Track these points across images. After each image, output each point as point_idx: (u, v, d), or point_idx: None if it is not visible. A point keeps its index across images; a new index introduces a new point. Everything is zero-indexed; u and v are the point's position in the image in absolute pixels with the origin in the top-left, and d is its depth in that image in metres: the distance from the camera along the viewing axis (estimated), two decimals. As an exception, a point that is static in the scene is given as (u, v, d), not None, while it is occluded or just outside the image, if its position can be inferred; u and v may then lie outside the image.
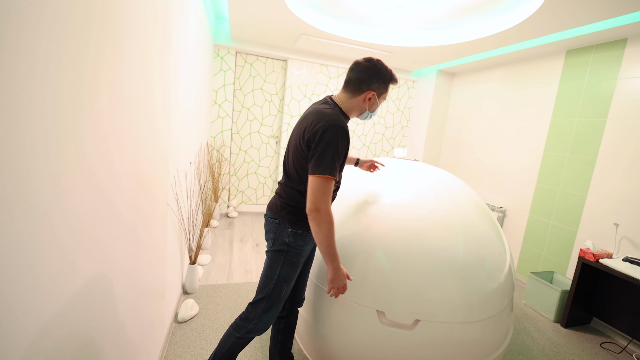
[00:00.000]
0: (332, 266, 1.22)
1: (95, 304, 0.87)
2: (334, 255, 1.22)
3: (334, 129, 1.15)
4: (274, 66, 4.27)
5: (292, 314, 1.57)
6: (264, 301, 1.33)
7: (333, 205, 1.80)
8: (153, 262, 1.48)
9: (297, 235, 1.31)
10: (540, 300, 2.65)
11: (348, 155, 1.65)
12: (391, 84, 1.30)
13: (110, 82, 0.87)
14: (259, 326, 1.34)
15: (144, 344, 1.38)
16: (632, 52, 2.45)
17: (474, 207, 1.72)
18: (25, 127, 0.55)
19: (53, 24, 0.60)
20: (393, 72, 1.29)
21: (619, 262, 2.24)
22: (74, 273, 0.75)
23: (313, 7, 3.02)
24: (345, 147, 1.20)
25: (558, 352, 2.14)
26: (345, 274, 1.27)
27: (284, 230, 1.31)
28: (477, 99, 3.97)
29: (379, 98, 1.30)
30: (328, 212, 1.16)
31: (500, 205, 3.49)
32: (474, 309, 1.41)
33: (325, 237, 1.18)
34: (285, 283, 1.33)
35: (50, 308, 0.66)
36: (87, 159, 0.76)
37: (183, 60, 1.93)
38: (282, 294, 1.34)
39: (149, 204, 1.36)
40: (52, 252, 0.65)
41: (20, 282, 0.57)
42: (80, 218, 0.75)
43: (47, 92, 0.60)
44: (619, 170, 2.48)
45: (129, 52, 0.99)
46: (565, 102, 2.91)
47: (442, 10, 2.78)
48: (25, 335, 0.59)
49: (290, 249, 1.31)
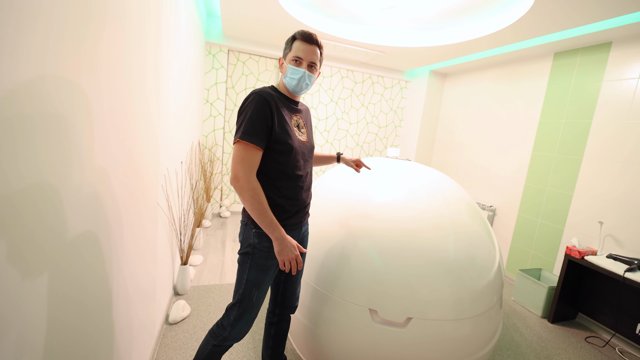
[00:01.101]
0: (274, 236, 1.16)
1: (83, 305, 0.85)
2: (271, 225, 1.15)
3: (248, 96, 1.16)
4: (267, 64, 4.26)
5: (283, 320, 1.52)
6: (236, 307, 1.27)
7: (325, 202, 1.82)
8: (143, 262, 1.46)
9: (261, 236, 1.23)
10: (528, 297, 2.71)
11: (327, 154, 1.63)
12: (296, 41, 1.22)
13: (92, 78, 0.86)
14: (233, 334, 1.28)
15: (134, 346, 1.36)
16: (617, 55, 2.52)
17: (465, 206, 1.76)
18: (16, 126, 0.55)
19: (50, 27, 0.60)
20: (306, 30, 1.22)
21: (603, 259, 2.30)
22: (61, 274, 0.74)
23: (306, 6, 3.02)
24: (260, 112, 1.13)
25: (545, 347, 2.19)
26: (294, 245, 1.19)
27: (249, 231, 1.25)
28: (469, 100, 4.03)
29: (287, 60, 1.24)
30: (248, 180, 1.11)
31: (491, 204, 3.55)
32: (464, 306, 1.44)
33: (252, 206, 1.13)
34: (255, 288, 1.26)
35: (38, 309, 0.65)
36: (74, 156, 0.76)
37: (173, 56, 1.90)
38: (253, 300, 1.27)
39: (139, 204, 1.34)
40: (37, 253, 0.64)
41: (9, 283, 0.56)
42: (66, 218, 0.74)
43: (37, 89, 0.60)
44: (603, 169, 2.55)
45: (119, 47, 0.99)
46: (552, 104, 2.97)
47: (434, 11, 2.81)
48: (12, 336, 0.58)
49: (256, 251, 1.24)
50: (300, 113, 1.34)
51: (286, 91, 1.29)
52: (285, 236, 1.18)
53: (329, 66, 4.38)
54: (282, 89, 1.29)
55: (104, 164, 0.94)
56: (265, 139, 1.15)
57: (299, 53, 1.21)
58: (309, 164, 1.35)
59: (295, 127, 1.28)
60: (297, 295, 1.50)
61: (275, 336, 1.54)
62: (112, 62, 0.94)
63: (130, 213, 1.23)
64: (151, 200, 1.56)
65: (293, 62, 1.22)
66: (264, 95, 1.16)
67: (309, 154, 1.34)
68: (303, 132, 1.32)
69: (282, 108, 1.22)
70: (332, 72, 4.43)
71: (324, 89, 4.43)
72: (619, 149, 2.45)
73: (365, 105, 4.69)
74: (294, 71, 1.22)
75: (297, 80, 1.23)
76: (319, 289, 1.56)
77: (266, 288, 1.31)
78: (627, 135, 2.41)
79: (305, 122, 1.37)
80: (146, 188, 1.44)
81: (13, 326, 0.58)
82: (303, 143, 1.29)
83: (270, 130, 1.16)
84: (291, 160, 1.23)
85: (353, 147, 4.76)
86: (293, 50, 1.22)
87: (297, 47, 1.21)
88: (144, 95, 1.32)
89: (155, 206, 1.66)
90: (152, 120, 1.48)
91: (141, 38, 1.24)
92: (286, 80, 1.25)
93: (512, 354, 2.07)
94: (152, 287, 1.67)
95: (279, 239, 1.17)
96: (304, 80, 1.23)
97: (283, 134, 1.19)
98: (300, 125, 1.32)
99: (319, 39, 1.23)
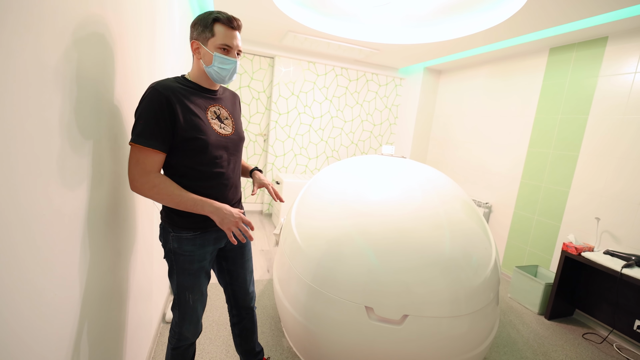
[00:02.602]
0: (206, 212, 1.04)
1: (80, 304, 0.84)
2: (195, 205, 1.03)
3: (145, 91, 1.02)
4: (261, 63, 4.23)
5: (244, 319, 1.47)
6: (176, 310, 1.22)
7: (320, 200, 1.80)
8: (140, 262, 1.46)
9: (180, 240, 1.14)
10: (525, 294, 2.70)
11: (246, 164, 1.46)
12: (220, 25, 1.06)
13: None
14: (183, 335, 1.24)
15: (131, 345, 1.36)
16: (613, 50, 2.51)
17: (460, 203, 1.74)
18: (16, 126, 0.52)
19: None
20: (226, 13, 1.09)
21: (600, 255, 2.30)
22: (58, 273, 0.72)
23: (300, 4, 3.00)
24: (157, 109, 0.99)
25: (542, 344, 2.19)
26: (232, 210, 1.07)
27: (167, 235, 1.16)
28: (464, 96, 4.02)
29: (209, 46, 1.08)
30: (147, 180, 1.00)
31: (486, 201, 3.55)
32: (460, 303, 1.43)
33: (164, 200, 1.03)
34: (188, 292, 1.19)
35: (34, 308, 0.64)
36: (69, 154, 0.73)
37: (167, 55, 1.88)
38: (190, 303, 1.20)
39: (135, 203, 1.33)
40: (36, 252, 0.63)
41: (6, 283, 0.54)
42: (62, 217, 0.72)
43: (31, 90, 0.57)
44: (600, 165, 2.54)
45: (120, 44, 0.96)
46: (548, 99, 2.97)
47: (428, 8, 2.79)
48: (9, 336, 0.56)
49: (178, 256, 1.15)
50: (220, 102, 1.21)
51: (203, 80, 1.14)
52: (218, 206, 1.05)
53: (324, 64, 4.36)
54: (195, 78, 1.14)
55: (103, 162, 0.91)
56: (166, 138, 1.02)
57: (227, 40, 1.07)
58: (235, 158, 1.23)
59: (214, 119, 1.15)
60: (250, 295, 1.46)
61: (241, 335, 1.50)
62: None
63: (126, 212, 1.22)
64: (147, 199, 1.55)
65: (221, 51, 1.08)
66: (161, 89, 1.01)
67: (235, 147, 1.21)
68: (227, 123, 1.20)
69: (192, 100, 1.08)
70: (327, 70, 4.41)
71: (318, 87, 4.40)
72: (616, 145, 2.45)
73: (359, 103, 4.67)
74: (225, 61, 1.09)
75: (228, 71, 1.11)
76: (314, 287, 1.54)
77: (202, 288, 1.24)
78: (624, 131, 2.40)
79: (232, 112, 1.24)
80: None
81: (12, 326, 0.57)
82: (224, 136, 1.16)
83: (172, 128, 1.02)
84: (208, 157, 1.11)
85: (348, 145, 4.74)
86: (218, 36, 1.07)
87: (224, 34, 1.07)
88: (140, 95, 1.31)
89: (151, 205, 1.66)
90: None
91: (135, 39, 1.22)
92: (211, 70, 1.10)
93: (509, 351, 2.06)
94: (149, 286, 1.67)
95: (213, 212, 1.04)
96: (235, 70, 1.13)
97: (191, 129, 1.05)
98: (222, 115, 1.19)
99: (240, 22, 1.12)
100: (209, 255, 1.23)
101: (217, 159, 1.14)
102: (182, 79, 1.13)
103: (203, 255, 1.20)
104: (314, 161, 4.63)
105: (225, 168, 1.18)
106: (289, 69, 4.23)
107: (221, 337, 1.94)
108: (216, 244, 1.25)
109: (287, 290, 1.67)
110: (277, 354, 1.84)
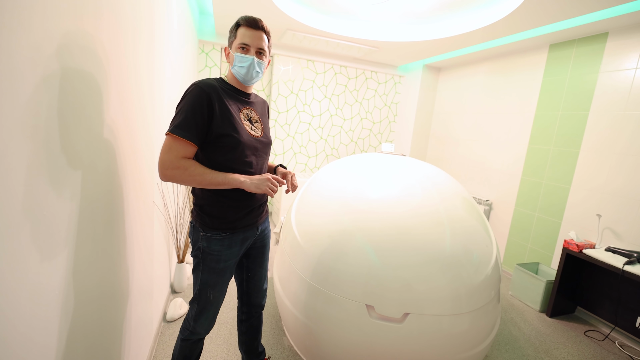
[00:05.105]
0: (243, 185, 1.11)
1: (81, 303, 0.84)
2: (226, 181, 1.09)
3: (188, 88, 1.10)
4: (260, 62, 4.22)
5: (251, 317, 1.51)
6: (195, 304, 1.26)
7: (320, 198, 1.79)
8: (141, 261, 1.46)
9: (210, 239, 1.19)
10: (526, 291, 2.70)
11: (269, 165, 1.46)
12: (241, 28, 1.15)
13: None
14: (196, 329, 1.28)
15: (132, 344, 1.36)
16: (614, 46, 2.50)
17: (461, 200, 1.73)
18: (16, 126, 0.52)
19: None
20: (250, 15, 1.16)
21: (602, 252, 2.29)
22: (59, 272, 0.72)
23: (298, 2, 2.98)
24: (197, 104, 1.06)
25: (544, 342, 2.18)
26: (260, 177, 1.14)
27: (198, 234, 1.21)
28: (463, 94, 4.00)
29: (233, 48, 1.17)
30: (177, 163, 1.04)
31: (487, 199, 3.54)
32: (461, 301, 1.42)
33: (195, 181, 1.07)
34: (210, 289, 1.24)
35: (34, 307, 0.63)
36: (69, 154, 0.73)
37: (166, 55, 1.88)
38: (210, 299, 1.25)
39: (135, 203, 1.33)
40: (37, 252, 0.63)
41: (8, 282, 0.54)
42: (63, 217, 0.72)
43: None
44: (601, 162, 2.53)
45: (118, 44, 0.96)
46: (548, 96, 2.96)
47: (427, 5, 2.78)
48: (12, 335, 0.56)
49: (206, 255, 1.20)
50: (252, 106, 1.27)
51: (236, 82, 1.22)
52: (246, 179, 1.12)
53: (323, 62, 4.34)
54: (230, 81, 1.22)
55: (101, 162, 0.91)
56: (201, 133, 1.08)
57: (245, 39, 1.14)
58: (262, 160, 1.28)
59: (246, 120, 1.21)
60: (262, 293, 1.49)
61: (247, 332, 1.53)
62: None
63: (127, 211, 1.22)
64: (147, 199, 1.56)
65: (240, 50, 1.15)
66: (203, 86, 1.09)
67: (264, 149, 1.27)
68: (257, 126, 1.26)
69: (228, 100, 1.15)
70: (326, 69, 4.39)
71: (317, 85, 4.39)
72: (616, 141, 2.44)
73: (359, 101, 4.66)
74: (242, 59, 1.15)
75: (246, 69, 1.16)
76: (315, 285, 1.53)
77: (224, 287, 1.28)
78: (625, 127, 2.39)
79: (261, 116, 1.30)
80: (142, 186, 1.44)
81: (15, 325, 0.57)
82: (255, 137, 1.22)
83: (209, 124, 1.09)
84: (239, 155, 1.16)
85: (347, 143, 4.73)
86: (238, 37, 1.15)
87: (243, 34, 1.15)
88: (139, 95, 1.32)
89: (151, 204, 1.66)
90: (146, 119, 1.48)
91: (134, 38, 1.22)
92: (235, 70, 1.18)
93: (511, 349, 2.05)
94: (150, 285, 1.68)
95: (244, 184, 1.11)
96: (254, 67, 1.17)
97: (226, 127, 1.11)
98: (253, 119, 1.25)
99: (264, 24, 1.17)
100: (235, 256, 1.27)
101: (246, 158, 1.19)
102: (220, 80, 1.20)
103: (229, 255, 1.24)
104: (314, 159, 4.62)
105: (254, 168, 1.22)
106: (288, 67, 4.22)
107: (222, 336, 1.93)
108: (243, 245, 1.29)
109: (288, 289, 1.67)
110: (278, 353, 1.84)
